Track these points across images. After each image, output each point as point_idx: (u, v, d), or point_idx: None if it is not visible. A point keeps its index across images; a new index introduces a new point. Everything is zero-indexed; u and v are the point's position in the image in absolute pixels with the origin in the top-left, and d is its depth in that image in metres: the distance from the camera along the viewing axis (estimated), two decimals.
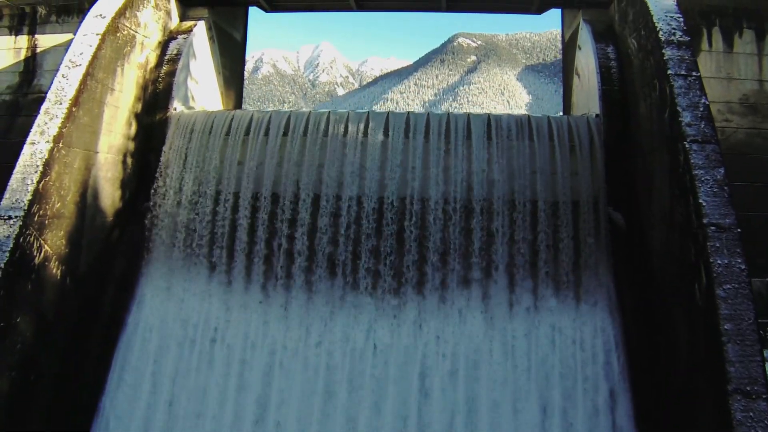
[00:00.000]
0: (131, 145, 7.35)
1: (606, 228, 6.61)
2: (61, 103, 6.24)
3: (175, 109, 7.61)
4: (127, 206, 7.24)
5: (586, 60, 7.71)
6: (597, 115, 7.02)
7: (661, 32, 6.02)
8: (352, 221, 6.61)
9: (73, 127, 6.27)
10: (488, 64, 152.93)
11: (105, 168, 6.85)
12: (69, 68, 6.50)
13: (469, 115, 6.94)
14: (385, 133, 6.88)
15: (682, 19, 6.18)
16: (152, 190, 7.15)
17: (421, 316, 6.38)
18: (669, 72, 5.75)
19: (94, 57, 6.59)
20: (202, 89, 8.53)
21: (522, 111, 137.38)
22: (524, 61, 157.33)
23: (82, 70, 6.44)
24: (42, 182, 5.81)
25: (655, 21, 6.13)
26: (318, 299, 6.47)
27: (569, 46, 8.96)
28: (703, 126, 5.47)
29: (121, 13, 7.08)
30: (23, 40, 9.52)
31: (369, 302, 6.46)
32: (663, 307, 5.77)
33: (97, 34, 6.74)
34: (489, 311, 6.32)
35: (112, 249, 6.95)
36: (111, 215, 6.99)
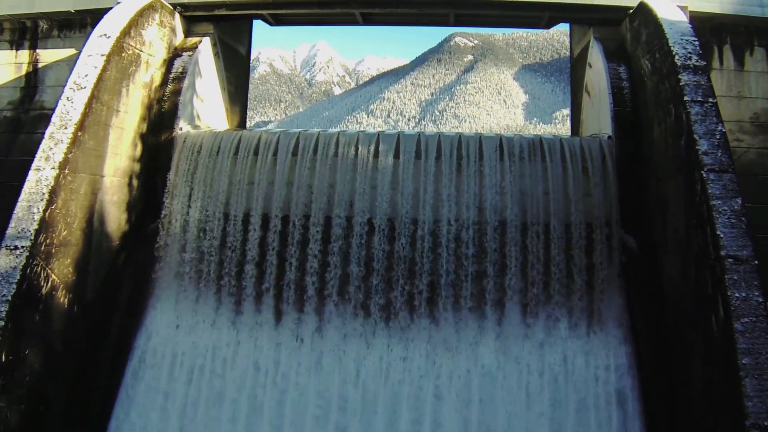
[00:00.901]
0: (137, 167, 7.23)
1: (619, 252, 6.57)
2: (66, 128, 6.11)
3: (180, 129, 7.49)
4: (134, 229, 7.13)
5: (598, 79, 7.65)
6: (609, 137, 6.98)
7: (676, 56, 5.96)
8: (363, 244, 6.55)
9: (79, 152, 6.14)
10: (485, 64, 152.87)
11: (111, 191, 6.73)
12: (74, 91, 6.36)
13: (480, 136, 6.88)
14: (396, 155, 6.82)
15: (697, 43, 6.13)
16: (160, 213, 7.05)
17: (432, 343, 6.32)
18: (685, 98, 5.70)
19: (99, 79, 6.46)
20: (207, 107, 8.40)
21: (519, 110, 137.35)
22: (521, 60, 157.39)
23: (87, 93, 6.31)
24: (48, 210, 5.69)
25: (670, 44, 6.07)
26: (330, 326, 6.39)
27: (578, 61, 8.90)
28: (720, 154, 5.43)
29: (126, 33, 6.94)
30: (24, 55, 9.33)
31: (381, 329, 6.39)
32: (678, 336, 5.74)
33: (102, 55, 6.60)
34: (502, 338, 6.27)
35: (119, 273, 6.84)
36: (117, 239, 6.87)
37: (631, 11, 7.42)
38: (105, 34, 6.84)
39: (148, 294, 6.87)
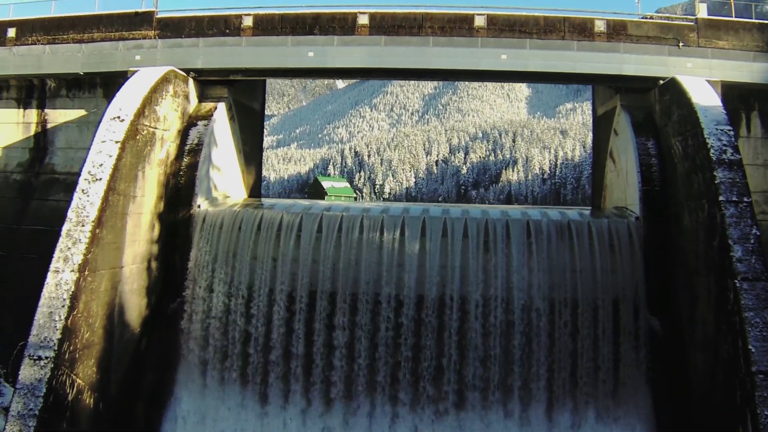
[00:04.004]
0: (155, 249, 7.10)
1: (645, 334, 6.49)
2: (83, 225, 5.97)
3: (198, 206, 7.33)
4: (154, 311, 7.02)
5: (625, 150, 7.45)
6: (637, 218, 6.81)
7: (711, 150, 5.77)
8: (391, 329, 6.54)
9: (98, 250, 6.01)
10: None
11: (130, 280, 6.62)
12: (89, 182, 6.19)
13: (507, 220, 6.74)
14: (422, 235, 6.73)
15: (732, 132, 5.93)
16: (180, 292, 6.95)
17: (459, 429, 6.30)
18: (720, 198, 5.53)
19: (115, 168, 6.28)
20: (223, 174, 8.22)
21: (522, 104, 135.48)
22: None
23: (103, 185, 6.14)
24: (70, 317, 5.59)
25: (705, 135, 5.87)
26: (359, 417, 6.37)
27: (602, 122, 8.68)
28: (753, 261, 5.29)
29: (140, 114, 6.74)
30: (32, 114, 9.10)
31: (409, 417, 6.38)
32: None
33: (117, 142, 6.41)
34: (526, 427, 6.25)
35: (142, 360, 6.74)
36: (138, 326, 6.77)
37: (660, 82, 7.19)
38: (118, 117, 6.63)
39: (171, 379, 6.81)
